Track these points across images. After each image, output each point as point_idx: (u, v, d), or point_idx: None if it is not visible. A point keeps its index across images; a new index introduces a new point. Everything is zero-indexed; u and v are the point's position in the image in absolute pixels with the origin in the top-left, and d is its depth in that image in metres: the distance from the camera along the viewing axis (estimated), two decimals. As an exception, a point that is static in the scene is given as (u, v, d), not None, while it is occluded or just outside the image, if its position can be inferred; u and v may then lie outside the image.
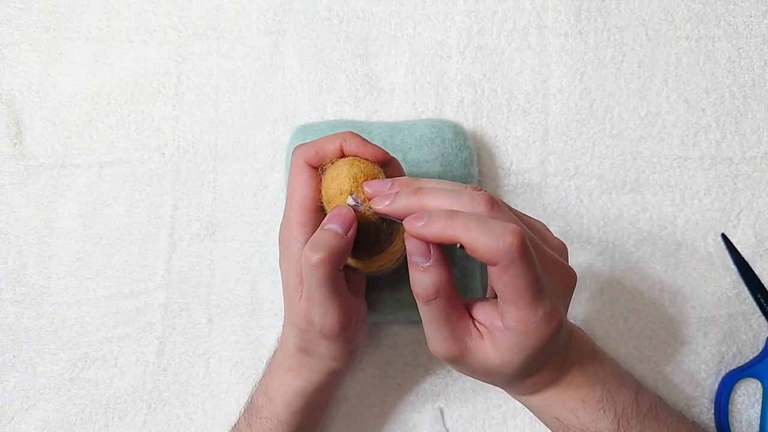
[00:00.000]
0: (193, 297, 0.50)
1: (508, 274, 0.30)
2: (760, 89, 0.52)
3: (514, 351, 0.33)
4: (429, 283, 0.32)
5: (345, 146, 0.36)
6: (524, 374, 0.35)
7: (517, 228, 0.30)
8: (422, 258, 0.32)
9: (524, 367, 0.34)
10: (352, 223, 0.35)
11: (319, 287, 0.34)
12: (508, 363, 0.33)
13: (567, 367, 0.37)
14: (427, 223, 0.31)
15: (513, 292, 0.31)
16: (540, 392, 0.37)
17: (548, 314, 0.31)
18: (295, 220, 0.37)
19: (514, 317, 0.32)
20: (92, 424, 0.48)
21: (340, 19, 0.53)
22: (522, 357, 0.33)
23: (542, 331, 0.32)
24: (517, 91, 0.52)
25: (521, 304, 0.31)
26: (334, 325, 0.36)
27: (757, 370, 0.47)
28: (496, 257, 0.30)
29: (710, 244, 0.50)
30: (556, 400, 0.37)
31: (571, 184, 0.51)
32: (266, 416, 0.40)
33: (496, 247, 0.29)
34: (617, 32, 0.53)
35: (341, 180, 0.36)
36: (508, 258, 0.30)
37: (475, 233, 0.30)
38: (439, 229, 0.31)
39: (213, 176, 0.51)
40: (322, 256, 0.33)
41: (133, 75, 0.53)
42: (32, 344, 0.49)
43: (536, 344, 0.32)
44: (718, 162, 0.51)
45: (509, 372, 0.34)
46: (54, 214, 0.51)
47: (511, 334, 0.32)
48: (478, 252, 0.30)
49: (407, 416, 0.48)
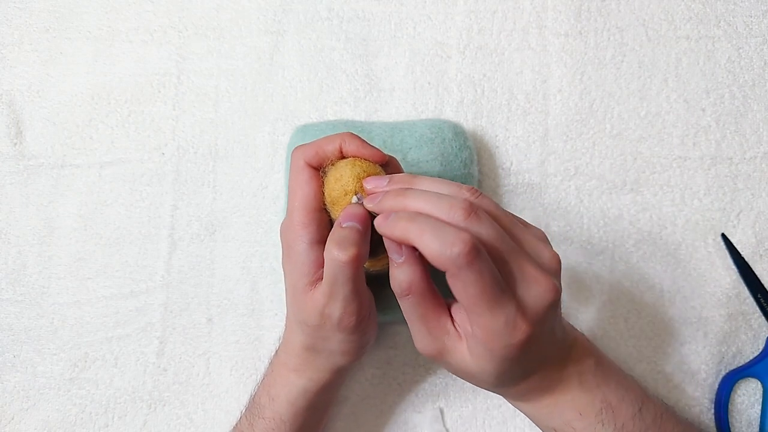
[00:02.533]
0: (193, 297, 0.50)
1: (459, 280, 0.31)
2: (760, 89, 0.52)
3: (484, 358, 0.33)
4: (402, 279, 0.33)
5: (344, 147, 0.37)
6: (505, 382, 0.35)
7: (467, 236, 0.30)
8: (395, 254, 0.33)
9: (500, 376, 0.34)
10: (368, 220, 0.35)
11: (346, 284, 0.35)
12: (483, 370, 0.34)
13: (563, 378, 0.36)
14: (389, 223, 0.33)
15: (467, 299, 0.31)
16: (534, 401, 0.37)
17: (510, 323, 0.31)
18: (299, 221, 0.37)
19: (475, 323, 0.32)
20: (92, 424, 0.48)
21: (340, 19, 0.53)
22: (493, 365, 0.33)
23: (505, 340, 0.32)
24: (517, 91, 0.52)
25: (477, 311, 0.31)
26: (353, 318, 0.36)
27: (757, 370, 0.47)
28: (444, 264, 0.30)
29: (710, 244, 0.50)
30: (552, 410, 0.37)
31: (571, 184, 0.51)
32: (269, 416, 0.40)
33: (444, 254, 0.30)
34: (617, 32, 0.53)
35: (345, 180, 0.36)
36: (456, 266, 0.30)
37: (428, 239, 0.31)
38: (398, 231, 0.32)
39: (213, 176, 0.51)
40: (353, 252, 0.34)
41: (133, 75, 0.53)
42: (32, 344, 0.49)
43: (504, 353, 0.32)
44: (718, 162, 0.51)
45: (487, 378, 0.34)
46: (54, 214, 0.51)
47: (477, 341, 0.33)
48: (429, 257, 0.31)
49: (407, 416, 0.48)
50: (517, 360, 0.33)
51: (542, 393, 0.37)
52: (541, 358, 0.35)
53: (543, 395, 0.37)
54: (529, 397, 0.37)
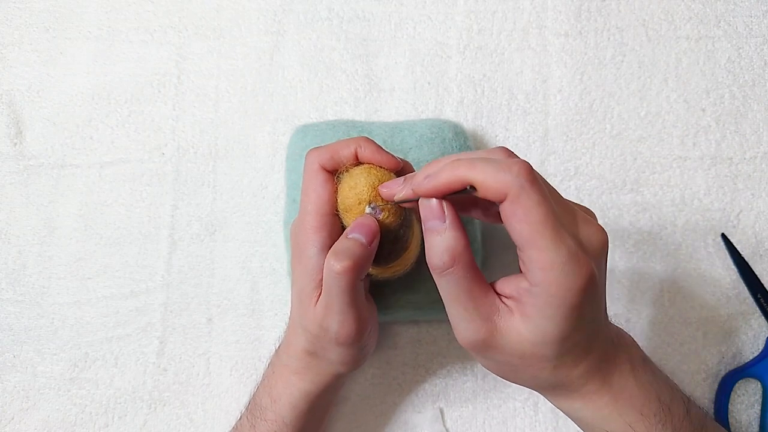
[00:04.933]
0: (193, 297, 0.50)
1: (521, 205, 0.29)
2: (760, 89, 0.52)
3: (546, 313, 0.30)
4: (445, 248, 0.31)
5: (360, 152, 0.36)
6: (567, 353, 0.31)
7: (523, 161, 0.29)
8: (437, 221, 0.31)
9: (564, 338, 0.30)
10: (376, 234, 0.35)
11: (340, 295, 0.34)
12: (545, 334, 0.30)
13: (618, 369, 0.33)
14: (435, 174, 0.31)
15: (529, 227, 0.29)
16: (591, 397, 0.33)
17: (573, 255, 0.29)
18: (311, 225, 0.37)
19: (537, 263, 0.29)
20: (92, 424, 0.48)
21: (340, 19, 0.53)
22: (557, 321, 0.30)
23: (571, 278, 0.29)
24: (517, 91, 0.52)
25: (540, 242, 0.29)
26: (350, 333, 0.36)
27: (757, 370, 0.47)
28: (505, 188, 0.29)
29: (710, 244, 0.50)
30: (612, 410, 0.33)
31: (571, 184, 0.51)
32: (271, 418, 0.40)
33: (503, 177, 0.29)
34: (617, 32, 0.53)
35: (360, 189, 0.36)
36: (518, 186, 0.29)
37: (481, 167, 0.29)
38: (446, 176, 0.30)
39: (213, 176, 0.51)
40: (346, 264, 0.33)
41: (133, 75, 0.53)
42: (32, 344, 0.49)
43: (570, 299, 0.29)
44: (718, 162, 0.51)
45: (549, 351, 0.31)
46: (54, 214, 0.51)
47: (539, 290, 0.30)
48: (486, 185, 0.29)
49: (407, 416, 0.48)
50: (579, 313, 0.30)
51: (601, 385, 0.33)
52: (596, 327, 0.32)
53: (601, 389, 0.33)
54: (587, 391, 0.33)
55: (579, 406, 0.34)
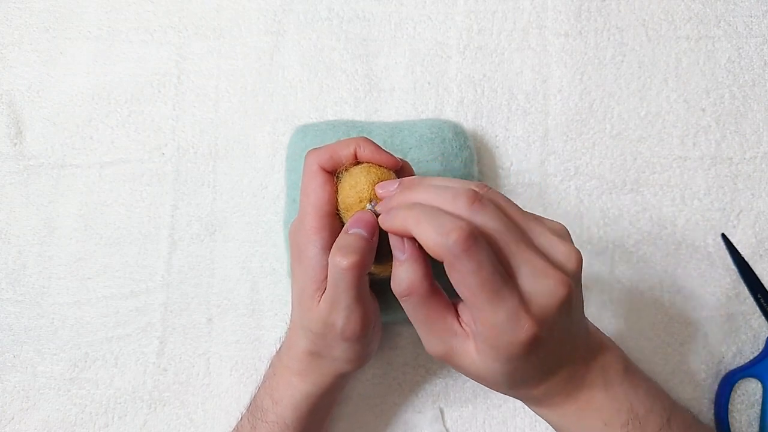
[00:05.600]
0: (193, 297, 0.50)
1: (456, 271, 0.30)
2: (760, 89, 0.52)
3: (491, 357, 0.31)
4: (403, 278, 0.32)
5: (359, 152, 0.36)
6: (518, 384, 0.33)
7: (464, 224, 0.29)
8: (398, 251, 0.32)
9: (510, 376, 0.32)
10: (376, 228, 0.35)
11: (347, 291, 0.34)
12: (491, 371, 0.32)
13: (587, 384, 0.34)
14: (390, 214, 0.32)
15: (466, 291, 0.30)
16: (557, 407, 0.35)
17: (512, 318, 0.30)
18: (311, 225, 0.37)
19: (477, 319, 0.31)
20: (92, 424, 0.48)
21: (340, 19, 0.53)
22: (500, 365, 0.31)
23: (508, 336, 0.30)
24: (517, 91, 0.52)
25: (477, 303, 0.30)
26: (356, 327, 0.36)
27: (757, 370, 0.47)
28: (441, 253, 0.29)
29: (710, 244, 0.50)
30: (576, 419, 0.35)
31: (571, 184, 0.51)
32: (272, 420, 0.40)
33: (440, 241, 0.29)
34: (617, 32, 0.53)
35: (360, 188, 0.36)
36: (452, 254, 0.29)
37: (424, 226, 0.30)
38: (398, 221, 0.32)
39: (213, 176, 0.51)
40: (353, 259, 0.33)
41: (133, 75, 0.53)
42: (32, 344, 0.49)
43: (509, 352, 0.31)
44: (718, 162, 0.51)
45: (498, 380, 0.33)
46: (54, 214, 0.51)
47: (482, 338, 0.31)
48: (426, 246, 0.30)
49: (407, 416, 0.48)
50: (525, 359, 0.31)
51: (565, 398, 0.34)
52: (558, 360, 0.33)
53: (566, 401, 0.35)
54: (551, 403, 0.35)
55: (545, 411, 0.36)
